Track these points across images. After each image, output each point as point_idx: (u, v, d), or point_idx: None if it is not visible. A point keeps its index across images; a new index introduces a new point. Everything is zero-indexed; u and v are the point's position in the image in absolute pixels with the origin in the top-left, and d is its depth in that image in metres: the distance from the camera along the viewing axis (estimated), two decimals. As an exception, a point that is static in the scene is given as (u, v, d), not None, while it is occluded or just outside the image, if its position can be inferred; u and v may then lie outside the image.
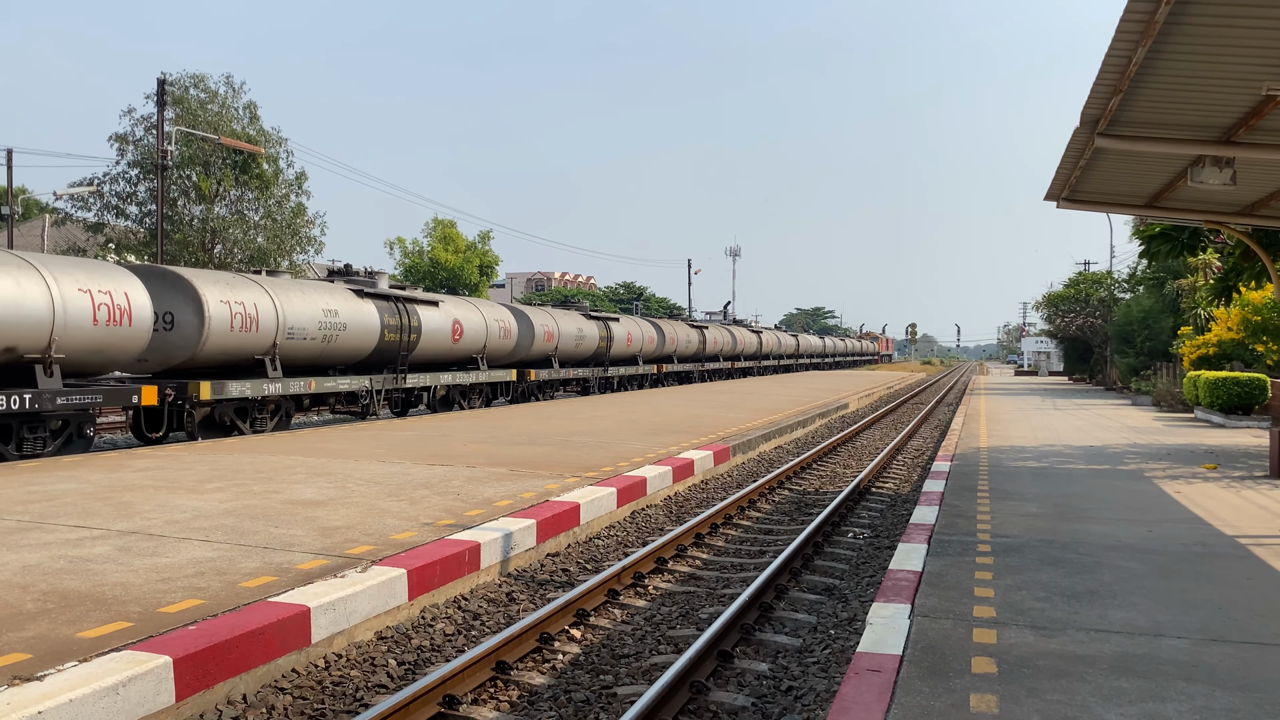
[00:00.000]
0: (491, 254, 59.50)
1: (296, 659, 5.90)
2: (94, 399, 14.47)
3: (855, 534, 10.74)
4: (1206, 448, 16.49)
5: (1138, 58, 7.03)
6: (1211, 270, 26.89)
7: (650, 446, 15.33)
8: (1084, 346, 53.26)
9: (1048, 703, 4.52)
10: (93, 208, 35.83)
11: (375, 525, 8.60)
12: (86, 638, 5.32)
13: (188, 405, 16.67)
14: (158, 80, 31.94)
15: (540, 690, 5.85)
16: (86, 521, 8.57)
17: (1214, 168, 9.38)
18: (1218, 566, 7.35)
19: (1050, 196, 12.18)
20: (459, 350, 25.15)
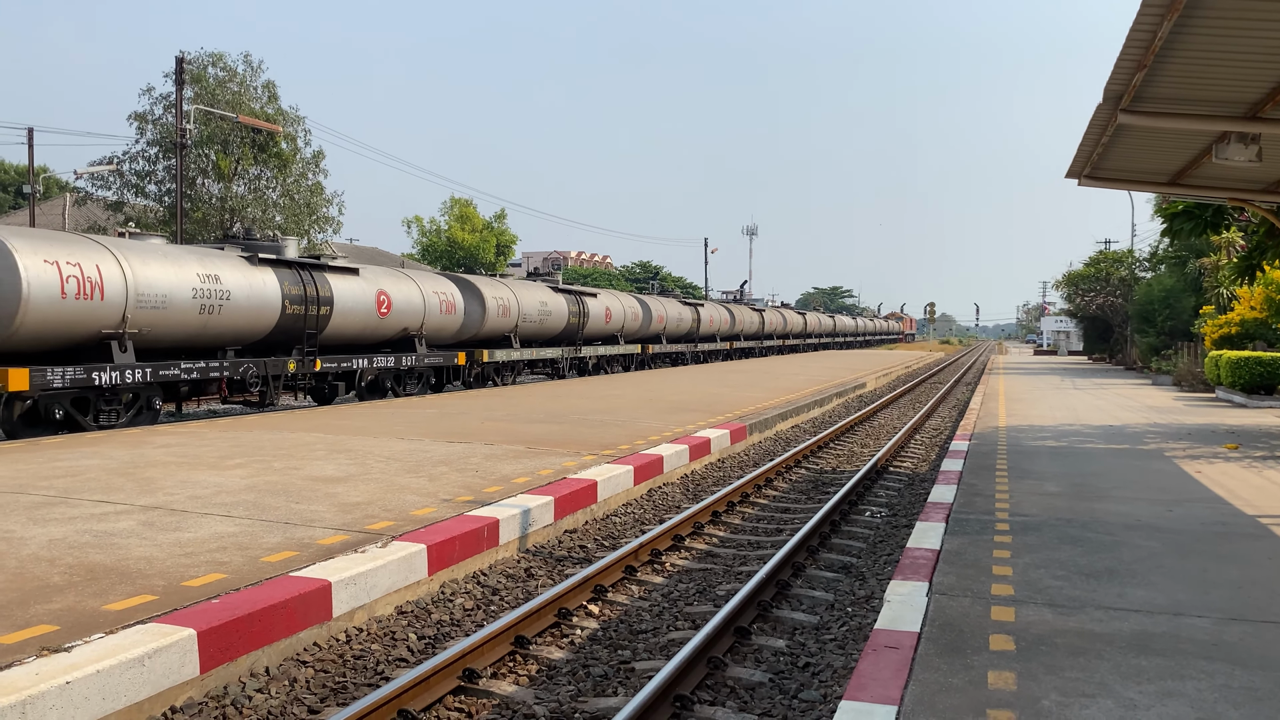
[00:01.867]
0: (508, 233, 59.56)
1: (318, 633, 5.96)
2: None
3: (873, 513, 10.74)
4: (1228, 428, 16.38)
5: (1163, 32, 6.94)
6: (1235, 249, 26.62)
7: (667, 425, 15.35)
8: (1104, 326, 52.88)
9: (1066, 680, 4.53)
10: (113, 186, 36.06)
11: (395, 501, 8.66)
12: (112, 610, 5.40)
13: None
14: (176, 59, 32.00)
15: (559, 664, 5.90)
16: (110, 497, 8.67)
17: (1239, 144, 9.27)
18: (1238, 546, 7.32)
19: (1072, 174, 12.08)
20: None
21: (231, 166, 35.70)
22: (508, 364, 26.89)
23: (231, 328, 17.20)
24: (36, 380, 13.66)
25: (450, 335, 24.34)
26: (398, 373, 22.06)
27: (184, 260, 16.42)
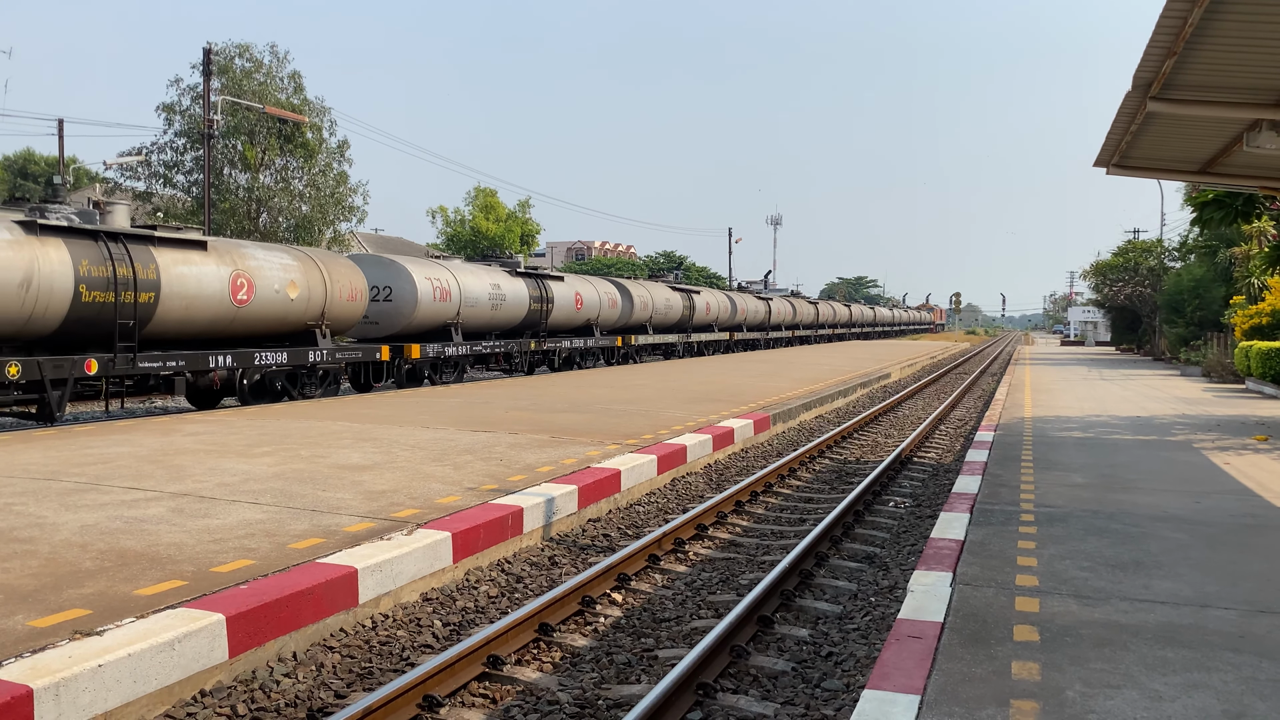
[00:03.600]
0: (532, 223, 59.64)
1: (344, 619, 6.03)
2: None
3: (897, 503, 10.71)
4: (1258, 419, 16.19)
5: (1193, 19, 6.87)
6: (1267, 238, 26.26)
7: (690, 415, 15.36)
8: (1132, 316, 52.33)
9: (1091, 671, 4.51)
10: (141, 177, 36.42)
11: (420, 489, 8.72)
12: (143, 595, 5.48)
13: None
14: (203, 50, 32.24)
15: (582, 652, 5.93)
16: (140, 483, 8.79)
17: (1271, 132, 9.16)
18: (1267, 538, 7.25)
19: (1100, 163, 11.96)
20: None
21: (258, 157, 35.95)
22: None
23: (510, 317, 25.28)
24: (425, 351, 21.67)
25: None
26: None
27: (480, 273, 24.25)
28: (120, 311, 14.34)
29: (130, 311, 14.52)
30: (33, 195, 60.95)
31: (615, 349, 32.48)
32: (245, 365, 16.69)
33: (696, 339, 40.24)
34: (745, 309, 46.99)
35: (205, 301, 15.84)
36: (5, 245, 12.79)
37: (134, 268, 14.57)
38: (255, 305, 16.80)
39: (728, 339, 44.64)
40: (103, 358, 14.24)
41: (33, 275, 13.10)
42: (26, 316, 13.19)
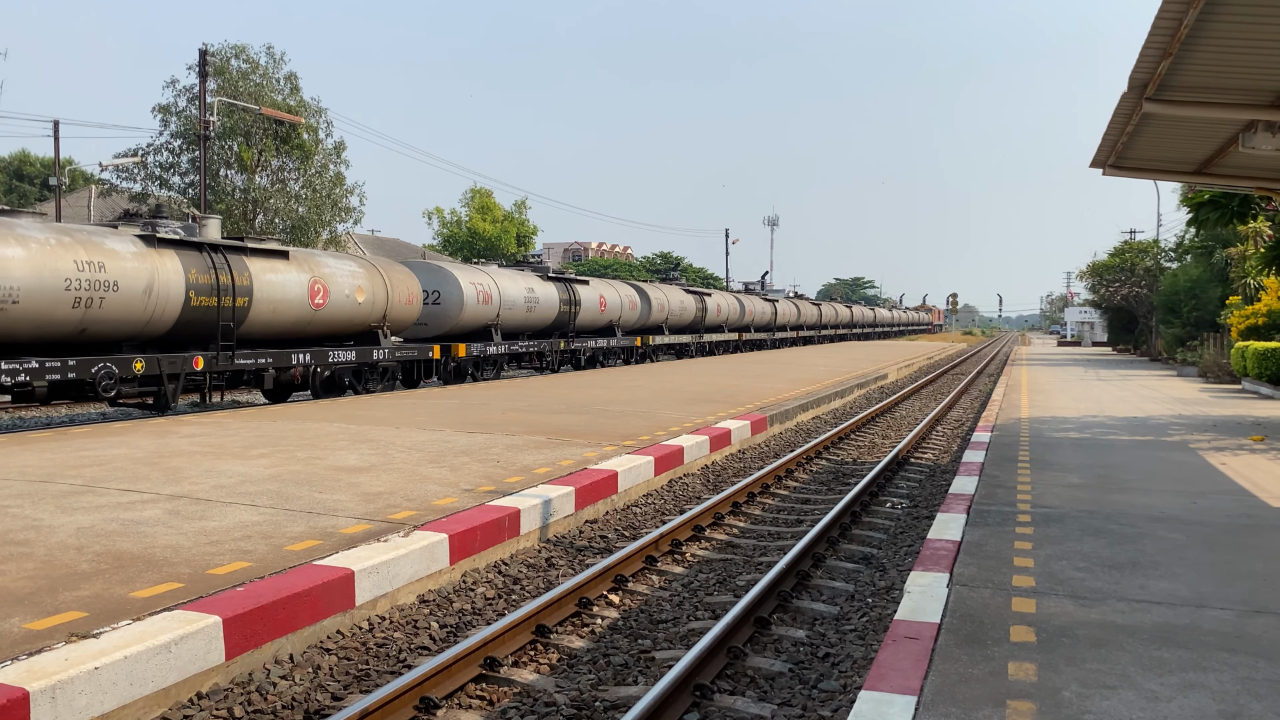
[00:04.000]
0: (529, 224, 59.60)
1: (341, 620, 6.03)
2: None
3: (893, 504, 10.72)
4: (1254, 419, 16.22)
5: (1188, 20, 6.88)
6: (1262, 238, 26.29)
7: (687, 416, 15.36)
8: (1129, 317, 52.39)
9: (1087, 671, 4.52)
10: (137, 178, 36.36)
11: (417, 491, 8.72)
12: (139, 597, 5.47)
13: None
14: (199, 51, 32.20)
15: (579, 653, 5.93)
16: (136, 486, 8.78)
17: (1266, 133, 9.18)
18: (1263, 539, 7.26)
19: (1096, 163, 11.98)
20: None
21: (254, 158, 35.92)
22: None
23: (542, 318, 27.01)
24: (470, 350, 23.31)
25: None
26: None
27: (517, 278, 25.86)
28: (221, 314, 16.16)
29: (229, 314, 16.32)
30: (29, 196, 60.85)
31: (634, 348, 34.01)
32: (320, 362, 18.51)
33: (709, 339, 41.89)
34: (753, 310, 48.54)
35: (288, 305, 17.61)
36: (132, 256, 14.62)
37: (232, 275, 16.39)
38: (329, 308, 18.62)
39: (737, 339, 46.25)
40: (207, 355, 16.09)
41: (153, 282, 14.90)
42: (147, 319, 14.99)
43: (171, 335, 15.65)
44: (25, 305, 13.17)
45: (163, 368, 15.32)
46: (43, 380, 13.57)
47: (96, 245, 14.30)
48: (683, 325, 39.40)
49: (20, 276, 13.05)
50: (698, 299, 40.66)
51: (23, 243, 13.26)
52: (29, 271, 13.17)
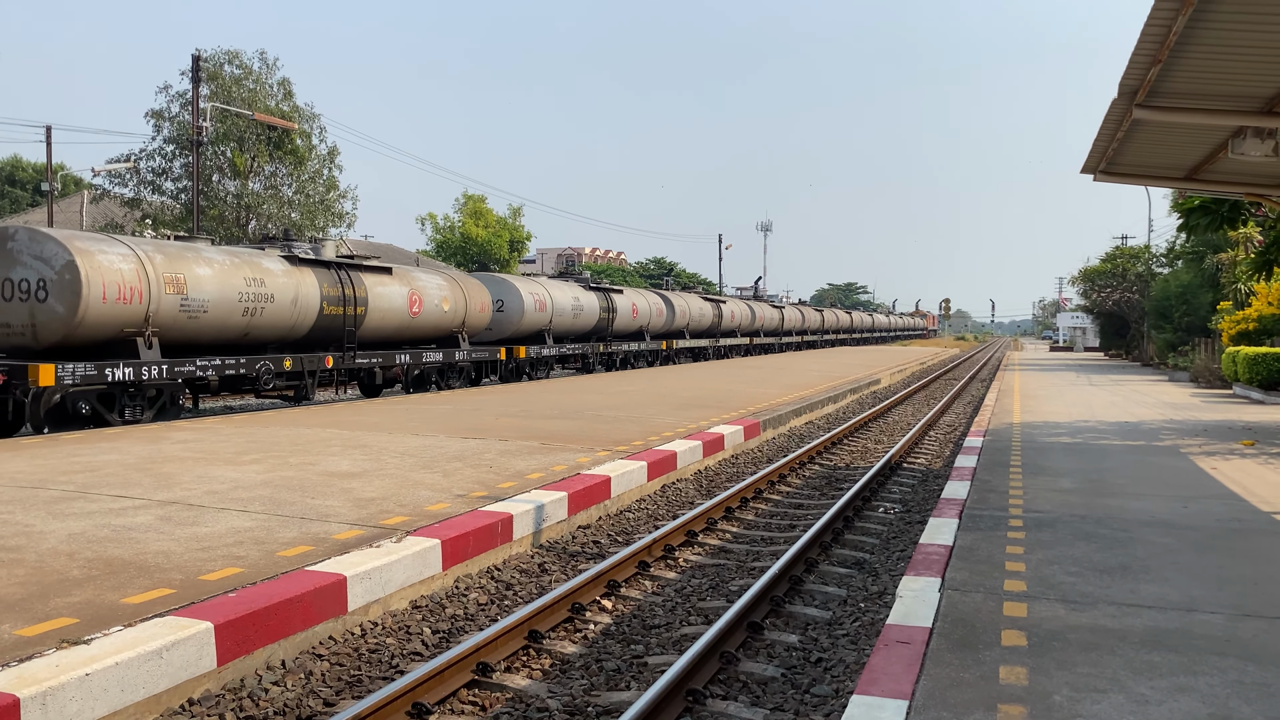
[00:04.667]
0: (522, 230, 59.60)
1: (333, 626, 6.02)
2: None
3: (886, 509, 10.74)
4: (1244, 424, 16.29)
5: (1177, 27, 6.92)
6: (1252, 244, 26.45)
7: (680, 421, 15.37)
8: (1120, 322, 52.59)
9: (1078, 675, 4.53)
10: (129, 184, 36.31)
11: (409, 496, 8.71)
12: (131, 603, 5.46)
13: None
14: (193, 57, 32.19)
15: (572, 659, 5.93)
16: (128, 491, 8.76)
17: (1255, 139, 9.24)
18: (1253, 542, 7.29)
19: (1087, 169, 12.03)
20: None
21: (247, 164, 35.88)
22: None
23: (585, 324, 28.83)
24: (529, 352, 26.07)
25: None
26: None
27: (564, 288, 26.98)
28: (345, 321, 19.35)
29: (351, 320, 19.50)
30: (21, 202, 60.68)
31: (660, 351, 37.47)
32: (415, 362, 21.76)
33: (724, 343, 45.40)
34: (762, 316, 51.93)
35: (393, 313, 20.84)
36: (282, 273, 17.85)
37: (352, 288, 19.56)
38: (423, 316, 21.94)
39: (748, 343, 49.81)
40: (335, 355, 19.19)
41: (298, 295, 18.03)
42: (292, 325, 18.13)
43: (308, 339, 18.84)
44: (212, 314, 16.30)
45: (304, 365, 18.44)
46: (219, 375, 16.63)
47: (257, 264, 17.32)
48: (701, 330, 42.53)
49: (209, 291, 16.14)
50: (714, 306, 43.90)
51: (209, 264, 16.32)
52: (215, 287, 16.25)
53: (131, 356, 15.05)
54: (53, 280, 14.11)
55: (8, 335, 14.46)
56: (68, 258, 14.12)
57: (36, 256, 14.29)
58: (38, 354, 14.55)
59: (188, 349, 16.50)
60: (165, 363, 15.37)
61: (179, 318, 15.65)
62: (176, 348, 16.23)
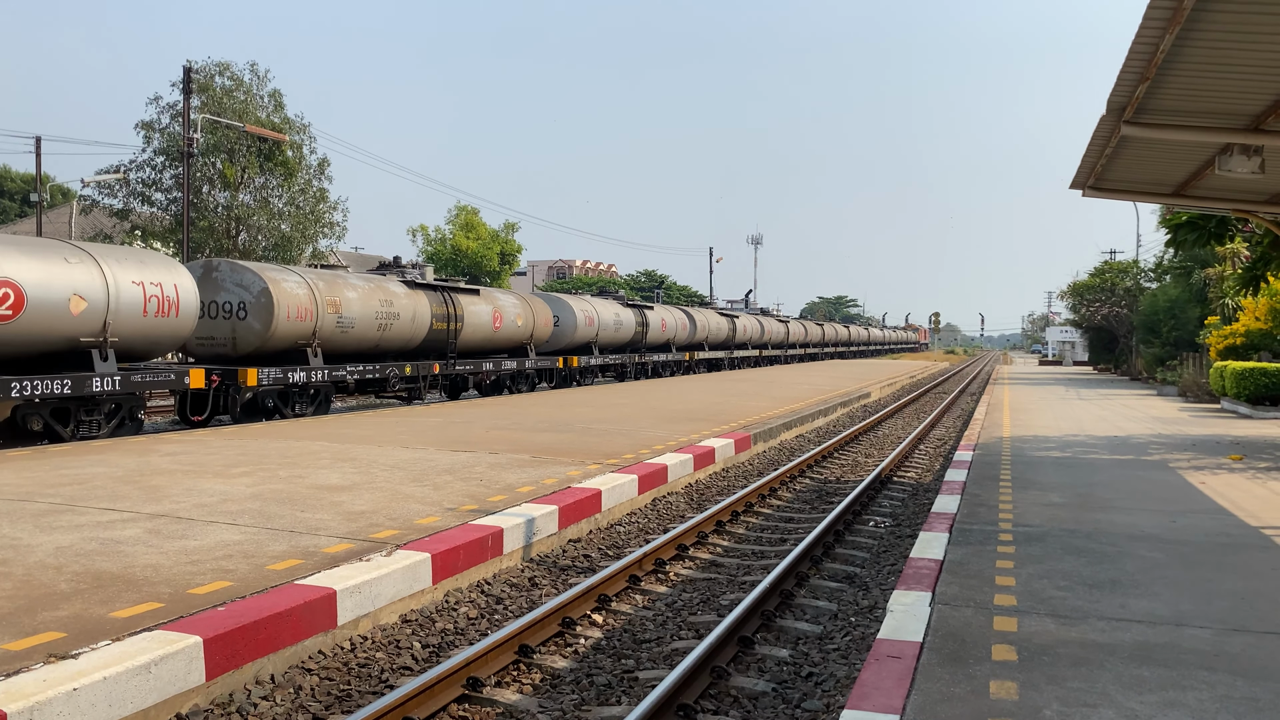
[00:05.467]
0: (513, 242, 59.65)
1: (323, 640, 5.99)
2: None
3: (877, 523, 10.75)
4: (1232, 439, 16.36)
5: (1165, 44, 6.98)
6: (1239, 259, 26.62)
7: (671, 434, 15.37)
8: (1109, 336, 52.83)
9: (1068, 690, 4.54)
10: (119, 195, 36.21)
11: (399, 510, 8.69)
12: (119, 617, 5.43)
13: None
14: (184, 68, 32.19)
15: (563, 673, 5.92)
16: (116, 504, 8.71)
17: (1242, 156, 9.30)
18: (1241, 557, 7.32)
19: (1076, 185, 12.11)
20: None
21: (238, 175, 35.84)
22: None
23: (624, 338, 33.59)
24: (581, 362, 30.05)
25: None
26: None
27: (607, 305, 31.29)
28: (448, 334, 23.19)
29: (452, 334, 23.39)
30: (9, 213, 60.47)
31: (683, 362, 41.09)
32: (496, 370, 25.52)
33: (737, 354, 49.29)
34: (769, 330, 55.38)
35: (482, 328, 24.66)
36: (404, 295, 21.54)
37: (453, 306, 23.44)
38: (503, 330, 25.75)
39: (757, 355, 53.40)
40: (441, 362, 22.90)
41: (415, 313, 21.70)
42: (409, 337, 21.77)
43: (420, 349, 22.49)
44: (357, 329, 19.98)
45: (419, 370, 21.96)
46: (360, 378, 20.12)
47: (386, 288, 21.10)
48: (718, 343, 46.34)
49: (356, 311, 19.81)
50: (729, 321, 47.65)
51: (355, 288, 20.09)
52: (359, 307, 19.93)
53: (303, 363, 18.66)
54: (250, 303, 17.70)
55: (210, 346, 17.95)
56: (262, 285, 17.67)
57: (237, 284, 17.83)
58: (234, 361, 17.95)
59: (338, 357, 20.22)
60: (326, 368, 18.99)
61: (335, 332, 19.35)
62: (330, 356, 19.87)
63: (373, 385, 21.25)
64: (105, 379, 14.32)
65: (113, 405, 14.96)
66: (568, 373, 30.00)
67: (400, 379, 21.51)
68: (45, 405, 13.89)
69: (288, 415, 18.32)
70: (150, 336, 15.38)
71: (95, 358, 14.40)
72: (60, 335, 13.88)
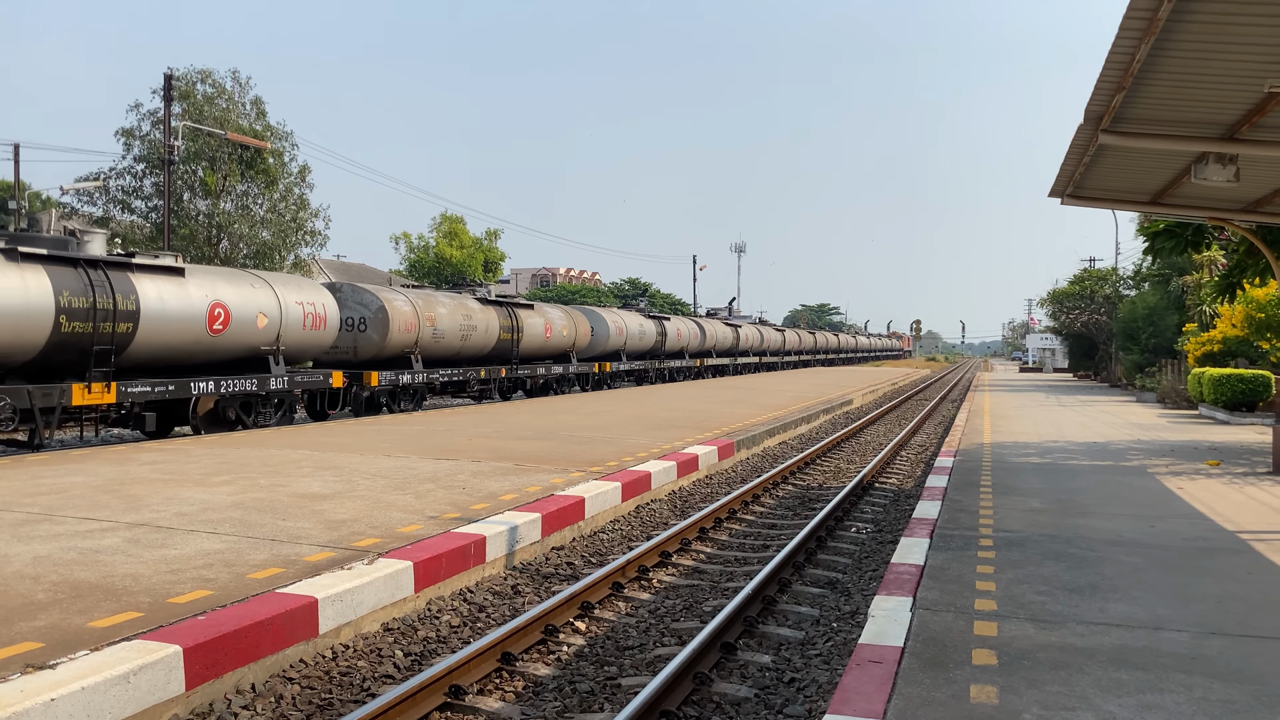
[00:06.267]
0: (497, 250, 59.52)
1: (304, 649, 5.97)
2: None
3: (858, 529, 10.79)
4: (1210, 444, 16.51)
5: (1141, 54, 7.06)
6: (1216, 267, 26.87)
7: (655, 441, 15.38)
8: (1089, 343, 53.21)
9: (1047, 694, 4.57)
10: (99, 202, 35.95)
11: (381, 518, 8.66)
12: (97, 627, 5.39)
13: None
14: (165, 75, 32.00)
15: (545, 681, 5.91)
16: (95, 514, 8.65)
17: (1217, 164, 9.40)
18: (1218, 561, 7.39)
19: (1055, 193, 12.21)
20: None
21: (219, 183, 35.66)
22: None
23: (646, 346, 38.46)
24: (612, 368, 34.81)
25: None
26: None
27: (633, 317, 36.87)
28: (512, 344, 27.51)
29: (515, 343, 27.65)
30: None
31: (694, 368, 45.13)
32: (546, 374, 29.62)
33: (740, 361, 53.34)
34: (768, 339, 59.93)
35: (535, 337, 28.91)
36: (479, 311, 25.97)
37: (514, 319, 27.67)
38: (552, 340, 30.06)
39: (757, 361, 57.18)
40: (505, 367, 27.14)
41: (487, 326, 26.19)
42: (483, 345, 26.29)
43: (489, 356, 26.90)
44: (446, 339, 24.11)
45: (491, 374, 26.30)
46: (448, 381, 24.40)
47: (465, 304, 25.36)
48: (724, 350, 50.50)
49: (445, 324, 23.97)
50: (733, 330, 51.88)
51: (444, 305, 24.34)
52: (448, 322, 24.10)
53: (407, 368, 22.78)
54: (370, 318, 21.76)
55: (335, 354, 21.50)
56: (380, 303, 21.79)
57: (358, 303, 21.83)
58: (355, 366, 21.76)
59: (431, 363, 24.23)
60: (424, 372, 23.07)
61: (430, 342, 23.45)
62: (426, 362, 23.80)
63: (455, 386, 25.54)
64: (278, 379, 18.14)
65: (278, 400, 18.57)
66: (600, 376, 34.37)
67: (477, 381, 25.83)
68: (236, 399, 17.52)
69: (395, 410, 22.39)
70: (305, 346, 19.30)
71: (271, 362, 18.27)
72: (249, 344, 17.73)
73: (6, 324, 13.26)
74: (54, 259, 14.49)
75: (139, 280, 15.49)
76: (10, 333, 13.37)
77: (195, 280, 16.65)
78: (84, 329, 14.31)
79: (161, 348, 15.88)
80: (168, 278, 16.11)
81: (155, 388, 15.59)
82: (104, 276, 14.88)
